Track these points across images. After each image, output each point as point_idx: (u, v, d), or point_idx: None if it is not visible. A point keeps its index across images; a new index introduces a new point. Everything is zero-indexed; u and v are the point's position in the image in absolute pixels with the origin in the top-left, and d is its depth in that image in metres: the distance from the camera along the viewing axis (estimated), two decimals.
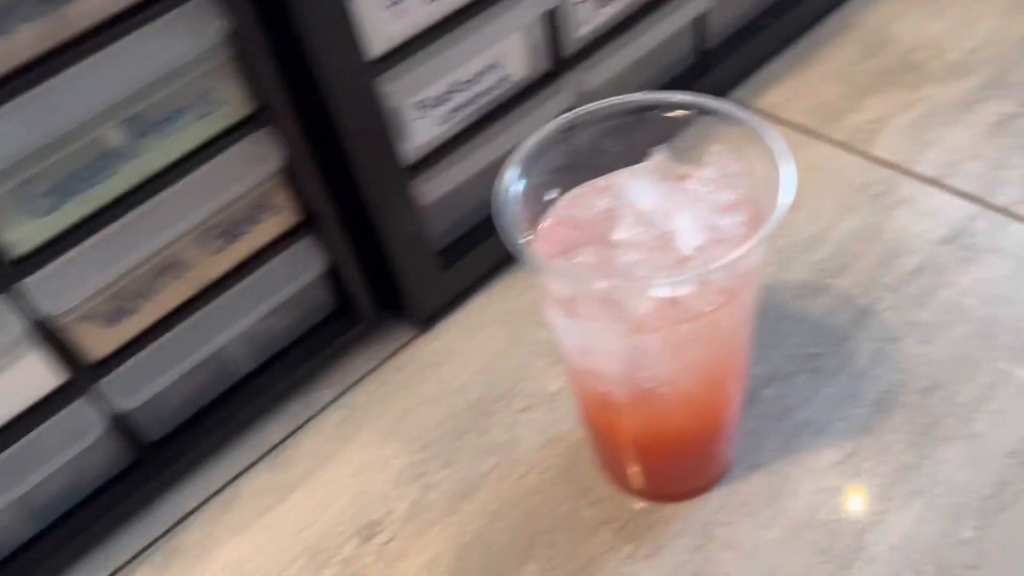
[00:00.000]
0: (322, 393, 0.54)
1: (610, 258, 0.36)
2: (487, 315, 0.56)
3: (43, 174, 0.39)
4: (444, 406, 0.52)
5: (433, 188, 0.51)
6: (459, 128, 0.52)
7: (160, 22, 0.39)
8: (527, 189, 0.38)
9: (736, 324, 0.37)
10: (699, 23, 0.64)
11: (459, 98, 0.51)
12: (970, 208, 0.55)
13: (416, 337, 0.56)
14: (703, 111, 0.38)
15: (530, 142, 0.38)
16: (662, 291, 0.33)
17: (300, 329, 0.54)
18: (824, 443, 0.46)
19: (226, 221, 0.46)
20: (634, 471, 0.44)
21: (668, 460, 0.43)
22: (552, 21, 0.53)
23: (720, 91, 0.66)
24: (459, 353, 0.54)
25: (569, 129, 0.39)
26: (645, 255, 0.35)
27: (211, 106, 0.42)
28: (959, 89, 0.63)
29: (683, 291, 0.34)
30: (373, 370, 0.55)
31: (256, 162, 0.45)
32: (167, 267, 0.45)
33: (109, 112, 0.39)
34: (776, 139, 0.36)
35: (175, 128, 0.42)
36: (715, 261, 0.33)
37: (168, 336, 0.46)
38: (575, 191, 0.40)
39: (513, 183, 0.37)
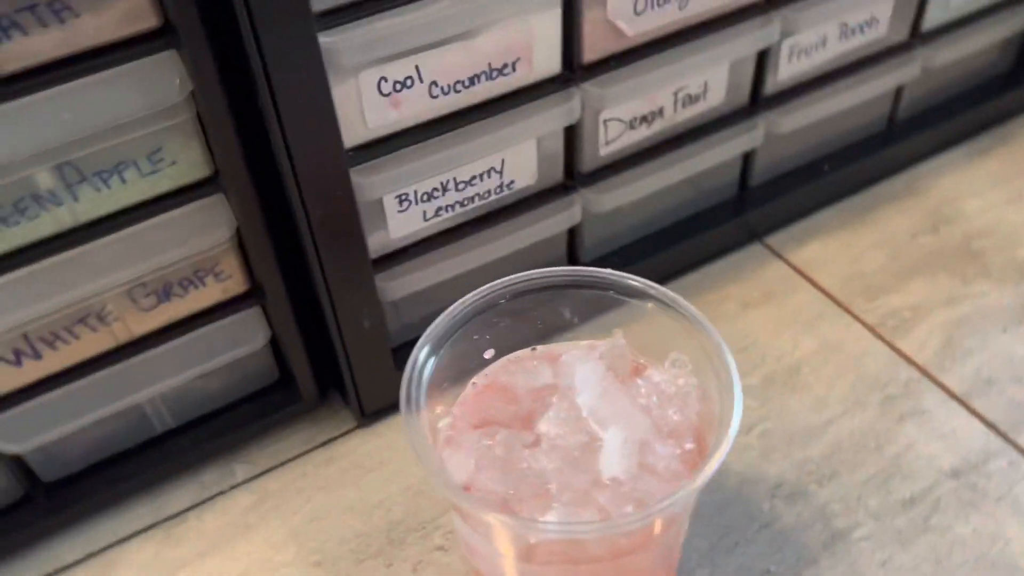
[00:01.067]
0: (239, 468, 0.50)
1: (520, 455, 0.31)
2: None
3: None
4: (359, 519, 0.47)
5: (404, 285, 0.47)
6: (444, 227, 0.48)
7: (113, 72, 0.35)
8: (458, 346, 0.34)
9: (650, 566, 0.32)
10: (748, 156, 0.58)
11: (451, 197, 0.47)
12: (992, 441, 0.49)
13: (355, 429, 0.52)
14: (667, 305, 0.33)
15: (445, 317, 0.33)
16: (548, 535, 0.28)
17: (234, 394, 0.51)
18: None
19: (162, 280, 0.42)
20: None
21: None
22: (572, 135, 0.49)
23: (757, 231, 0.61)
24: (394, 462, 0.50)
25: (513, 296, 0.34)
26: (558, 465, 0.30)
27: (159, 164, 0.39)
28: (1018, 295, 0.56)
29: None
30: (300, 456, 0.51)
31: (202, 229, 0.41)
32: (86, 316, 0.42)
33: (43, 155, 0.36)
34: (732, 367, 0.31)
35: (116, 181, 0.38)
36: (623, 507, 0.28)
37: (77, 385, 0.43)
38: (519, 353, 0.36)
39: (425, 363, 0.32)
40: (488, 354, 0.35)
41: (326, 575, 0.45)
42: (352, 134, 0.41)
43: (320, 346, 0.49)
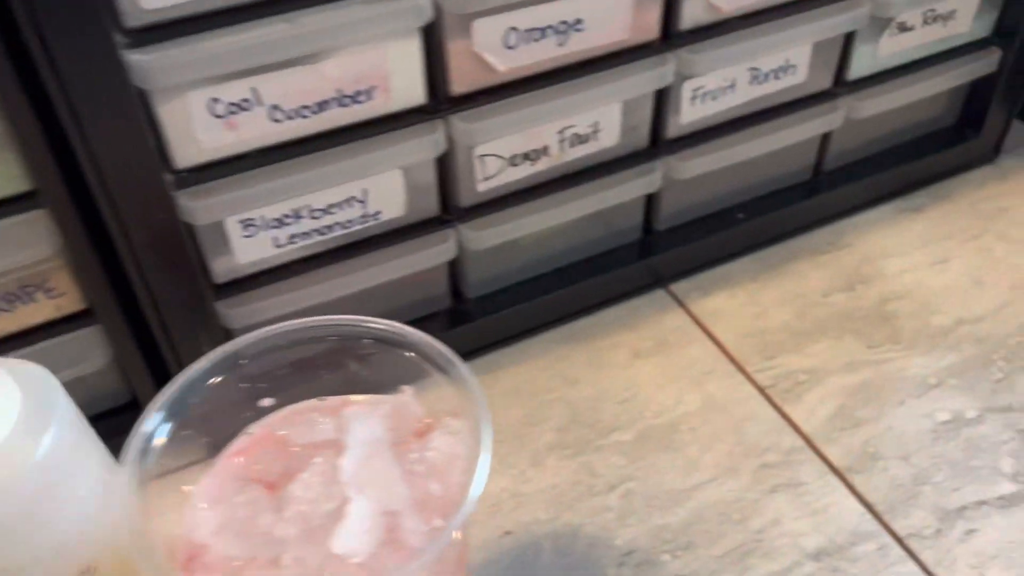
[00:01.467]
0: None
1: (263, 520, 0.29)
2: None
3: None
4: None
5: (253, 312, 0.45)
6: (302, 255, 0.46)
7: None
8: (229, 388, 0.32)
9: None
10: (652, 199, 0.56)
11: (306, 224, 0.45)
12: (867, 523, 0.46)
13: (206, 459, 0.50)
14: (442, 367, 0.31)
15: (186, 374, 0.31)
16: None
17: (87, 412, 0.49)
18: None
19: None
20: None
21: None
22: (445, 167, 0.47)
23: (663, 277, 0.58)
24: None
25: (290, 343, 0.32)
26: (296, 532, 0.28)
27: None
28: (924, 366, 0.53)
29: None
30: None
31: (21, 244, 0.39)
32: None
33: None
34: (487, 437, 0.28)
35: None
36: None
37: None
38: (305, 404, 0.33)
39: (153, 431, 0.30)
40: (267, 402, 0.33)
41: None
42: (184, 155, 0.40)
43: (166, 374, 0.47)
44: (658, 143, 0.52)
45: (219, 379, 0.31)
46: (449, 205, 0.49)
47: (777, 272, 0.59)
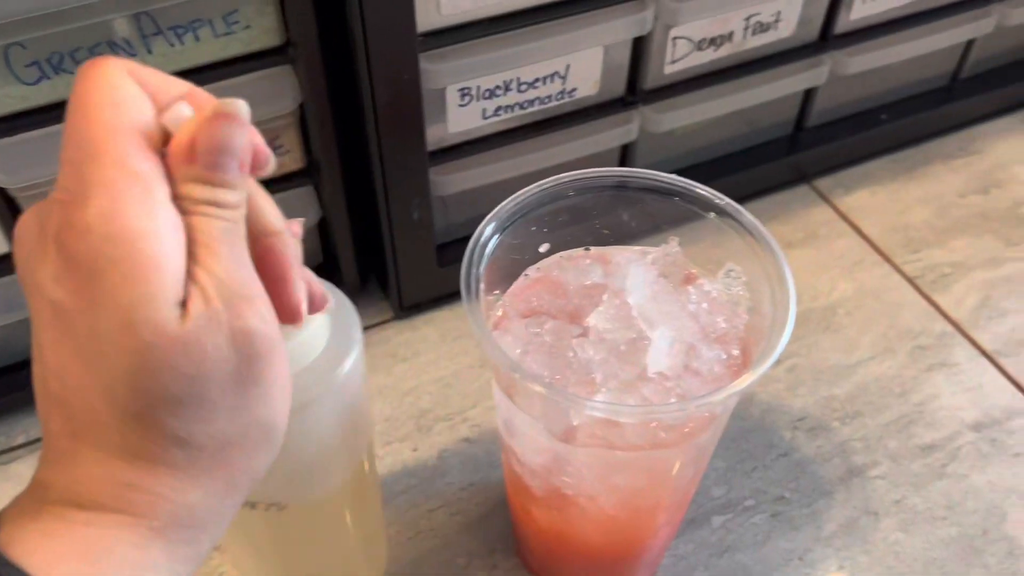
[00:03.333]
0: None
1: (568, 344, 0.32)
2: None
3: (35, 42, 0.36)
4: (389, 404, 0.49)
5: (456, 181, 0.47)
6: (501, 128, 0.48)
7: None
8: (517, 235, 0.34)
9: (681, 465, 0.32)
10: (809, 95, 0.58)
11: (512, 97, 0.46)
12: (1018, 400, 0.49)
13: (392, 320, 0.53)
14: (731, 218, 0.33)
15: (519, 198, 0.33)
16: (594, 412, 0.29)
17: None
18: None
19: None
20: (537, 557, 0.40)
21: (571, 563, 0.39)
22: (640, 48, 0.48)
23: (807, 173, 0.60)
24: (427, 354, 0.51)
25: (578, 191, 0.34)
26: (604, 356, 0.31)
27: (234, 27, 0.39)
28: None
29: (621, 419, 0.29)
30: None
31: (268, 98, 0.41)
32: None
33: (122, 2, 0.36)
34: (790, 281, 0.31)
35: (190, 38, 0.38)
36: (667, 401, 0.28)
37: None
38: (572, 251, 0.36)
39: (488, 240, 0.33)
40: (543, 248, 0.35)
41: None
42: (426, 18, 0.41)
43: (366, 233, 0.50)
44: (828, 37, 0.54)
45: (517, 219, 0.34)
46: (636, 87, 0.50)
47: (914, 173, 0.62)
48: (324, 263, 0.52)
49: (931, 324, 0.53)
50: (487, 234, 0.32)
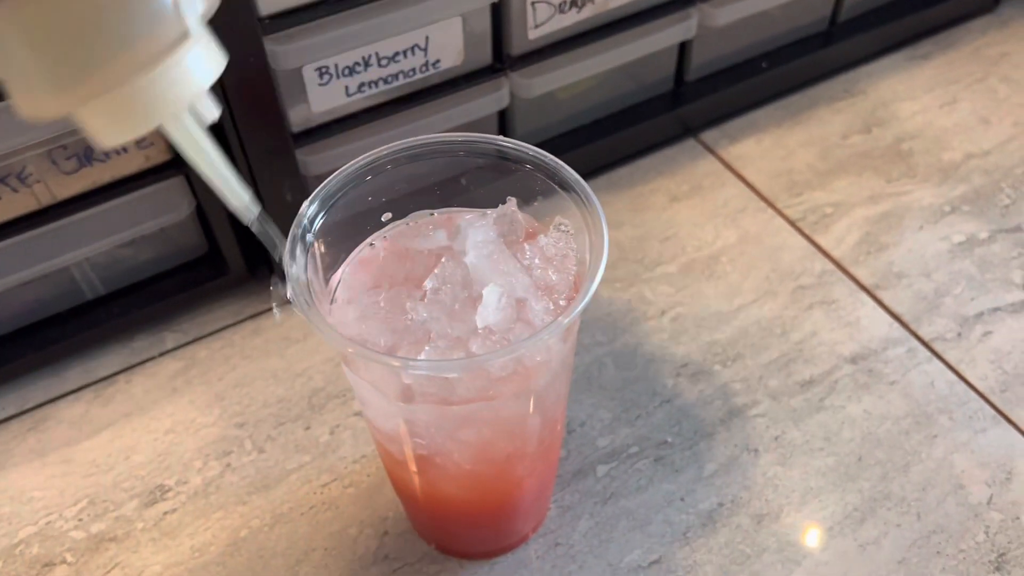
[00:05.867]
0: (169, 336, 0.52)
1: (402, 308, 0.32)
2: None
3: None
4: (282, 387, 0.49)
5: (326, 160, 0.48)
6: (368, 104, 0.48)
7: None
8: (352, 207, 0.35)
9: (525, 413, 0.33)
10: (684, 50, 0.59)
11: (373, 73, 0.47)
12: (894, 331, 0.51)
13: (283, 304, 0.53)
14: (561, 185, 0.34)
15: (337, 175, 0.34)
16: (418, 370, 0.30)
17: (164, 265, 0.52)
18: (636, 542, 0.43)
19: (82, 143, 0.43)
20: (421, 521, 0.41)
21: (450, 522, 0.40)
22: (499, 15, 0.49)
23: (692, 127, 0.61)
24: (318, 336, 0.51)
25: (405, 160, 0.35)
26: (437, 315, 0.32)
27: None
28: (938, 195, 0.58)
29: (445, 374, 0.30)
30: (228, 327, 0.52)
31: None
32: (7, 176, 0.42)
33: None
34: (604, 236, 0.32)
35: None
36: (488, 349, 0.29)
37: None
38: (415, 216, 0.37)
39: (314, 217, 0.33)
40: (385, 217, 0.36)
41: (248, 435, 0.47)
42: (268, 1, 0.41)
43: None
44: None
45: (349, 191, 0.34)
46: (502, 54, 0.51)
47: (799, 118, 0.63)
48: (208, 254, 0.52)
49: (812, 264, 0.54)
50: (311, 213, 0.33)
